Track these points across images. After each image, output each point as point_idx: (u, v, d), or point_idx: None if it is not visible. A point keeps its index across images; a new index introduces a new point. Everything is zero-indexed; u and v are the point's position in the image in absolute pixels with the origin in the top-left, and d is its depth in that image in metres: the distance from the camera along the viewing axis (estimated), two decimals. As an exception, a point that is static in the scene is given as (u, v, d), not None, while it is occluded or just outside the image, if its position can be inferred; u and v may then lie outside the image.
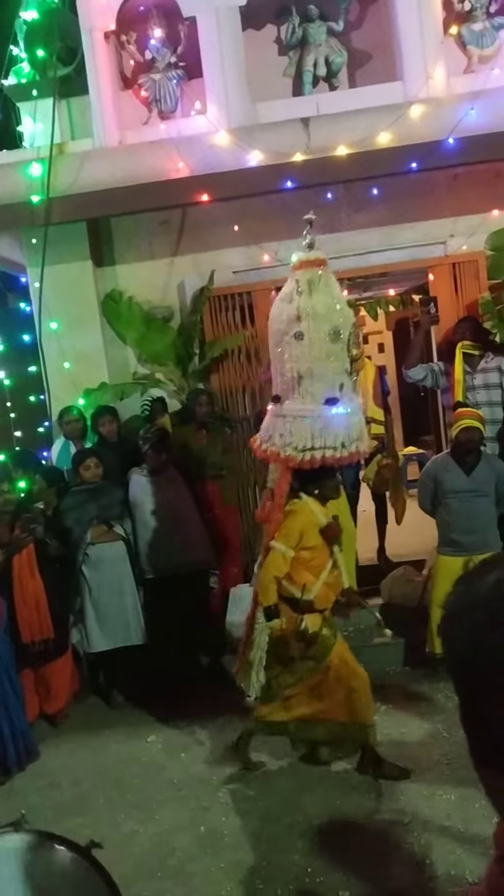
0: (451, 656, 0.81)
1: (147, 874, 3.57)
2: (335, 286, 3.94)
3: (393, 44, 5.94)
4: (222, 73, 5.82)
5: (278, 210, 6.13)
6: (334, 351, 3.85)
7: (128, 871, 3.60)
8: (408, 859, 3.44)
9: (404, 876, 3.34)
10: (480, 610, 0.78)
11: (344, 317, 3.88)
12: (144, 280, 6.46)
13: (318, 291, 3.84)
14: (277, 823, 3.85)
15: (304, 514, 4.03)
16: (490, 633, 0.76)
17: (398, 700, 4.99)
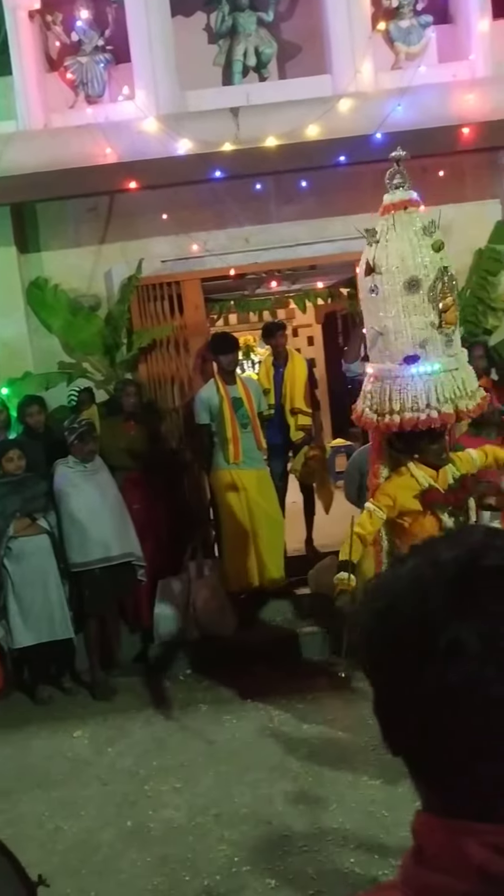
0: (358, 647, 0.82)
1: (72, 871, 3.52)
2: (415, 229, 3.50)
3: (322, 37, 5.96)
4: (151, 59, 5.73)
5: (207, 200, 6.10)
6: (413, 304, 3.47)
7: (52, 869, 3.53)
8: (333, 846, 3.48)
9: (330, 861, 3.38)
10: (382, 600, 0.78)
11: (426, 265, 3.46)
12: (71, 267, 6.33)
13: (393, 239, 3.48)
14: (205, 814, 3.85)
15: (402, 477, 3.76)
16: (384, 623, 0.76)
17: (325, 688, 5.05)
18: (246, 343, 10.33)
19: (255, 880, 3.32)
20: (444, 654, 0.70)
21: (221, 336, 6.25)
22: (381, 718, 0.78)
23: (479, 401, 3.59)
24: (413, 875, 0.74)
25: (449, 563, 0.74)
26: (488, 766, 0.70)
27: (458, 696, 0.69)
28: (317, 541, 6.60)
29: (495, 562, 0.73)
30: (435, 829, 0.74)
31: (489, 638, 0.69)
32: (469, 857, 0.70)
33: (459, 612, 0.70)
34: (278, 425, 6.27)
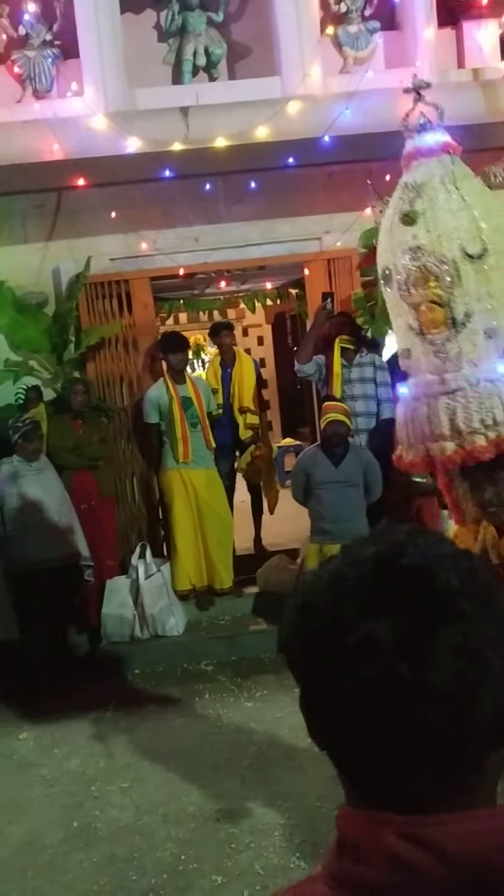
0: (280, 643, 0.83)
1: (17, 873, 3.49)
2: (397, 205, 2.76)
3: (271, 39, 6.00)
4: (99, 55, 5.69)
5: (157, 198, 6.09)
6: (392, 301, 2.80)
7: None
8: (279, 842, 3.51)
9: (276, 857, 3.41)
10: (302, 597, 0.79)
11: (394, 248, 2.71)
12: (17, 264, 6.24)
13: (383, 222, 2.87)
14: (152, 814, 3.84)
15: None
16: (303, 620, 0.77)
17: (272, 686, 5.08)
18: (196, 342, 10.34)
19: (201, 878, 3.33)
20: (357, 651, 0.71)
21: (171, 335, 6.25)
22: (305, 714, 0.80)
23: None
24: (334, 866, 0.76)
25: (367, 561, 0.76)
26: (403, 759, 0.72)
27: (372, 692, 0.71)
28: (265, 539, 6.65)
29: (412, 560, 0.75)
30: (355, 821, 0.76)
31: (401, 635, 0.70)
32: (384, 846, 0.71)
33: (373, 609, 0.72)
34: (227, 425, 6.29)
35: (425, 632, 0.71)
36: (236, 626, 5.81)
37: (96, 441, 5.81)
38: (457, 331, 2.56)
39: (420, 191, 2.59)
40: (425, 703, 0.70)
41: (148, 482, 6.27)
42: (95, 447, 5.77)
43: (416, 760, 0.72)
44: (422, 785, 0.73)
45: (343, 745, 0.76)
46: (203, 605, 5.93)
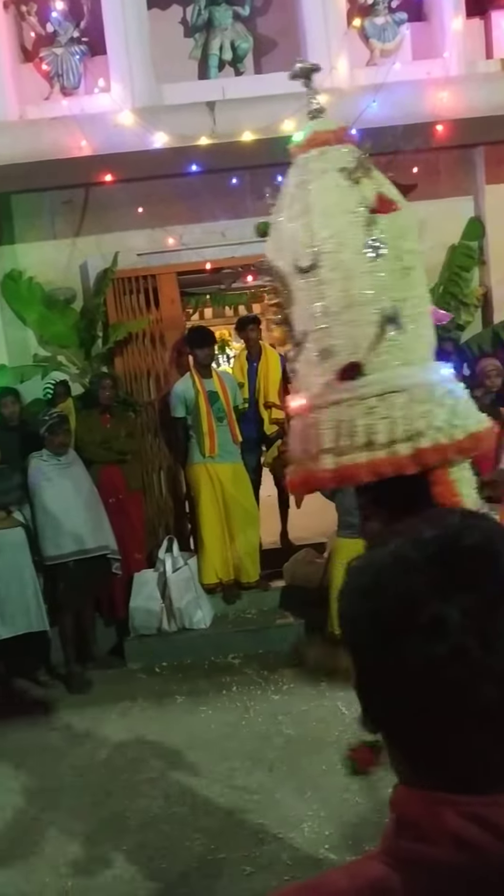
0: (341, 625, 0.84)
1: (49, 862, 3.54)
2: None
3: (298, 32, 5.99)
4: (126, 52, 5.71)
5: (183, 193, 6.10)
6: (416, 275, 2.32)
7: (28, 859, 3.56)
8: (308, 833, 3.53)
9: (304, 848, 3.43)
10: (367, 576, 0.81)
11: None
12: (46, 260, 6.30)
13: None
14: (181, 804, 3.88)
15: None
16: (369, 600, 0.79)
17: (299, 679, 5.10)
18: (221, 338, 10.35)
19: (230, 868, 3.36)
20: (428, 629, 0.73)
21: (197, 330, 6.27)
22: (362, 695, 0.81)
23: None
24: (392, 845, 0.77)
25: (431, 543, 0.78)
26: (466, 738, 0.74)
27: (441, 670, 0.72)
28: (291, 533, 6.65)
29: (475, 540, 0.77)
30: (413, 801, 0.77)
31: (469, 613, 0.72)
32: (446, 825, 0.73)
33: (441, 589, 0.74)
34: (252, 419, 6.30)
35: (492, 610, 0.73)
36: (263, 620, 5.83)
37: (124, 435, 5.85)
38: (298, 350, 2.24)
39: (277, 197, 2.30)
40: (493, 682, 0.72)
41: (175, 476, 6.30)
42: (123, 441, 5.82)
43: (479, 739, 0.73)
44: (483, 765, 0.74)
45: (405, 725, 0.77)
46: (230, 599, 5.95)
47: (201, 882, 3.30)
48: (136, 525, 5.92)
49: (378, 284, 2.11)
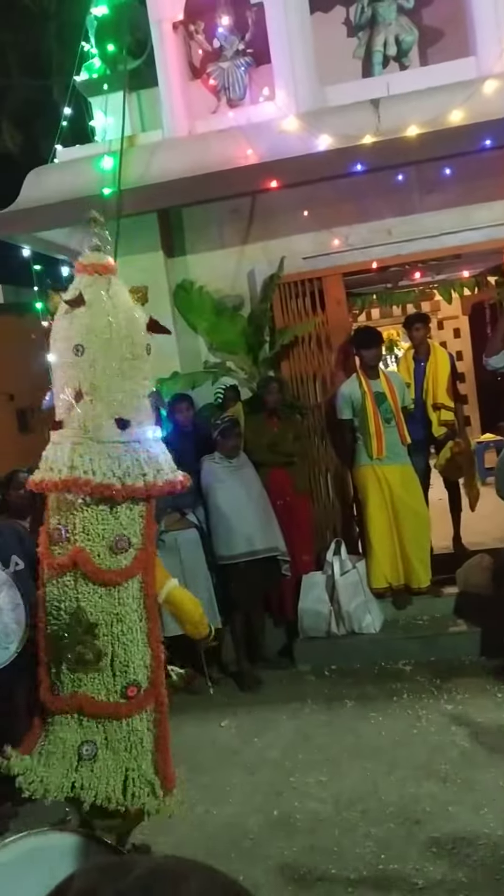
0: None
1: (220, 855, 3.61)
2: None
3: (465, 18, 5.78)
4: (290, 58, 5.77)
5: (348, 194, 6.06)
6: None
7: (201, 851, 3.65)
8: (484, 852, 3.37)
9: (481, 867, 3.28)
10: None
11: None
12: (215, 269, 6.48)
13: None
14: (350, 809, 3.83)
15: None
16: None
17: (474, 690, 4.90)
18: (389, 337, 10.19)
19: (401, 879, 3.27)
20: None
21: (364, 330, 6.21)
22: None
23: None
24: None
25: None
26: None
27: None
28: (465, 538, 6.42)
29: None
30: None
31: None
32: None
33: None
34: (420, 420, 6.14)
35: None
36: (435, 627, 5.66)
37: (291, 438, 5.89)
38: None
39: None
40: None
41: (342, 478, 6.26)
42: (290, 444, 5.86)
43: None
44: None
45: None
46: (400, 604, 5.83)
47: (370, 891, 3.24)
48: (304, 527, 5.94)
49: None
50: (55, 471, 3.01)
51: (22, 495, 4.59)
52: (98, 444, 3.05)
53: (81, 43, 6.56)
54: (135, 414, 3.11)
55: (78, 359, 3.04)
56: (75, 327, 3.07)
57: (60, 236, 6.53)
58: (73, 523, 3.04)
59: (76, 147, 6.39)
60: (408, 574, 5.79)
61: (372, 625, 5.62)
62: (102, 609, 3.04)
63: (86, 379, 3.05)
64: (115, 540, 3.04)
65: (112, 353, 3.04)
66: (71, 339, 3.06)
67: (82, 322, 3.05)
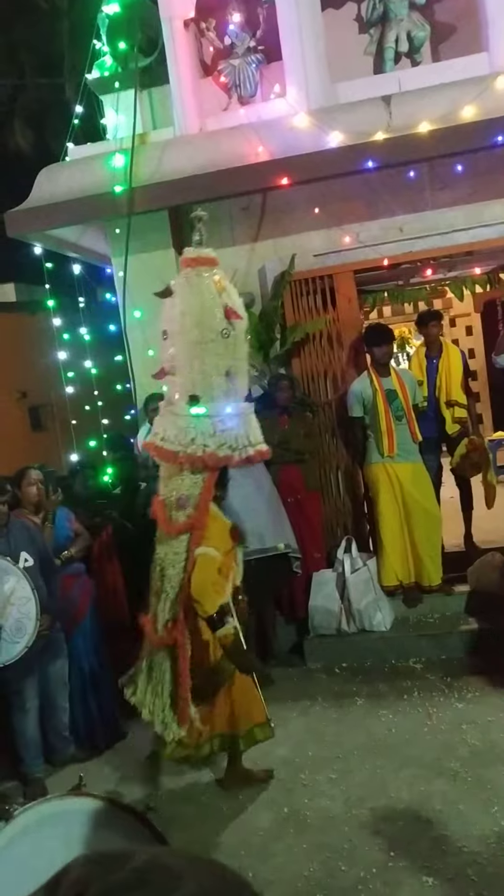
0: None
1: (230, 850, 3.62)
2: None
3: (478, 13, 5.75)
4: (301, 55, 5.76)
5: (359, 191, 6.05)
6: (247, 350, 3.88)
7: (212, 847, 3.66)
8: (496, 850, 3.36)
9: (491, 865, 3.27)
10: None
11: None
12: (225, 266, 6.40)
13: (230, 290, 3.81)
14: (360, 807, 3.83)
15: (219, 517, 3.95)
16: None
17: (485, 688, 4.89)
18: (401, 335, 10.16)
19: (411, 877, 3.27)
20: None
21: (375, 328, 6.19)
22: None
23: None
24: None
25: None
26: None
27: None
28: (476, 536, 6.39)
29: None
30: None
31: None
32: None
33: None
34: (432, 418, 6.12)
35: None
36: (446, 625, 5.64)
37: (302, 435, 5.89)
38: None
39: None
40: None
41: (353, 476, 6.25)
42: (301, 441, 5.86)
43: None
44: None
45: None
46: (411, 602, 5.81)
47: (381, 888, 3.24)
48: (315, 525, 5.94)
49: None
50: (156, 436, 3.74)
51: (33, 492, 4.63)
52: (173, 415, 3.65)
53: (93, 41, 6.57)
54: (206, 391, 3.61)
55: (164, 342, 3.67)
56: (163, 315, 3.71)
57: (72, 234, 6.55)
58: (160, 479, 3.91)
59: (88, 145, 6.40)
60: (419, 572, 5.78)
61: (382, 623, 5.61)
62: (164, 553, 3.76)
63: (167, 360, 3.68)
64: (177, 499, 3.71)
65: (185, 337, 3.58)
66: (162, 325, 3.70)
67: (167, 310, 3.68)
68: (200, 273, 3.65)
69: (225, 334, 3.61)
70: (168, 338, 3.68)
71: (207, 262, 3.71)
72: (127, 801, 2.40)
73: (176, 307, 3.64)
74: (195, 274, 3.64)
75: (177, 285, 3.63)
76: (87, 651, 4.82)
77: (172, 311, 3.64)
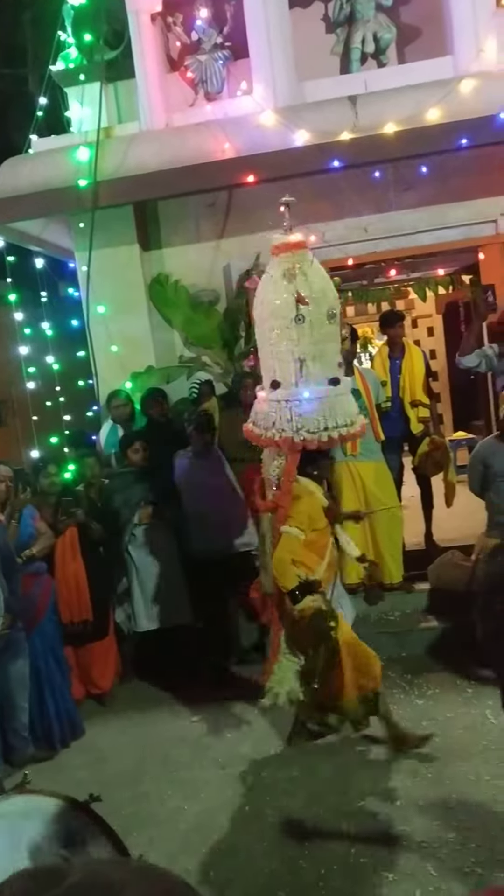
0: (485, 626, 0.78)
1: (193, 850, 3.61)
2: (322, 268, 3.95)
3: (443, 17, 5.81)
4: (269, 53, 5.76)
5: (325, 190, 6.07)
6: (332, 332, 3.88)
7: (174, 846, 3.65)
8: (454, 844, 3.40)
9: (450, 860, 3.31)
10: None
11: (335, 298, 3.92)
12: (191, 263, 6.46)
13: (312, 273, 3.81)
14: (321, 804, 3.85)
15: (309, 496, 4.02)
16: None
17: (445, 685, 4.94)
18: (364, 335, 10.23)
19: (372, 873, 3.29)
20: None
21: (339, 327, 6.20)
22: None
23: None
24: None
25: None
26: None
27: None
28: (436, 535, 6.45)
29: None
30: None
31: None
32: None
33: None
34: (395, 417, 6.16)
35: None
36: (406, 623, 5.69)
37: (266, 434, 5.88)
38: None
39: None
40: None
41: (316, 475, 6.26)
42: (265, 440, 5.85)
43: None
44: None
45: None
46: (372, 600, 5.85)
47: (342, 884, 3.25)
48: (278, 523, 5.93)
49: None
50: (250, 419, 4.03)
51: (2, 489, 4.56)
52: (263, 402, 3.90)
53: (58, 32, 6.49)
54: (284, 377, 3.78)
55: (257, 330, 3.94)
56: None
57: (35, 227, 6.46)
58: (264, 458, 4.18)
59: (52, 137, 6.32)
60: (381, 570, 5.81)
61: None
62: (264, 529, 4.05)
63: (259, 346, 3.96)
64: (272, 479, 4.01)
65: (263, 324, 3.83)
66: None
67: (255, 299, 3.91)
68: (281, 260, 3.80)
69: (298, 320, 3.71)
70: (256, 327, 3.92)
71: (294, 248, 3.82)
72: (71, 796, 2.35)
73: (259, 296, 3.86)
74: (277, 262, 3.81)
75: (264, 274, 3.85)
76: (44, 651, 4.76)
77: (256, 299, 3.86)
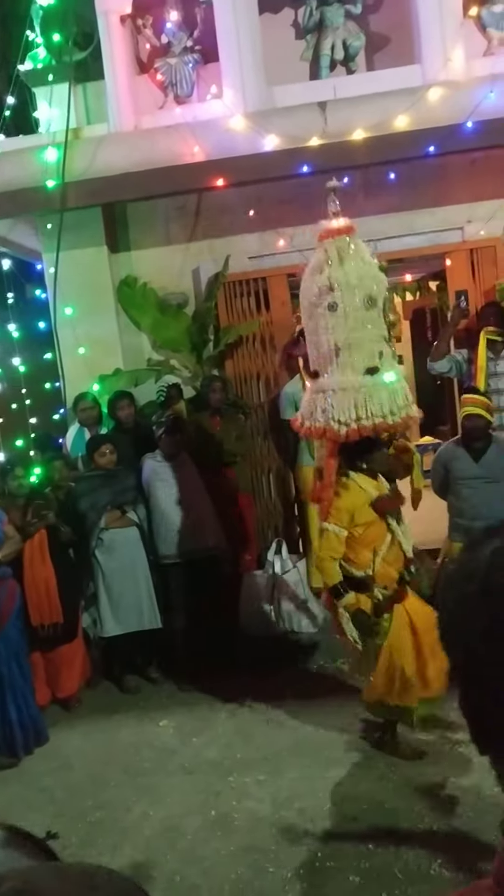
0: (444, 633, 0.77)
1: (159, 856, 3.58)
2: (366, 252, 3.84)
3: (411, 26, 5.86)
4: (238, 57, 5.76)
5: (294, 195, 6.09)
6: (371, 318, 3.75)
7: (139, 853, 3.62)
8: (419, 847, 3.42)
9: (416, 862, 3.32)
10: (473, 582, 0.74)
11: (378, 283, 3.78)
12: (159, 266, 6.44)
13: (349, 259, 3.75)
14: (288, 808, 3.84)
15: (353, 490, 3.94)
16: (481, 606, 0.72)
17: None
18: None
19: (339, 875, 3.29)
20: None
21: (307, 331, 6.23)
22: (471, 717, 0.75)
23: (418, 411, 3.94)
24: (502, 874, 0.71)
25: None
26: None
27: None
28: (403, 539, 6.48)
29: None
30: None
31: None
32: None
33: None
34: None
35: None
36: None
37: (234, 437, 5.88)
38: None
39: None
40: None
41: (284, 478, 6.29)
42: (233, 443, 5.85)
43: None
44: None
45: None
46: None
47: (308, 888, 3.25)
48: (246, 527, 5.94)
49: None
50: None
51: None
52: (307, 392, 3.96)
53: (26, 32, 6.43)
54: (321, 366, 3.79)
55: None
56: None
57: (1, 228, 6.39)
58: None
59: (19, 137, 6.25)
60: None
61: (311, 624, 5.65)
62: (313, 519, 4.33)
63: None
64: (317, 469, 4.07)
65: (304, 315, 3.90)
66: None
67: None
68: (321, 247, 3.78)
69: (332, 308, 3.66)
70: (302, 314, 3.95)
71: (337, 233, 3.78)
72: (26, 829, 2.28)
73: (302, 284, 3.85)
74: (317, 249, 3.80)
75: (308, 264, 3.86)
76: (7, 657, 4.68)
77: (301, 287, 3.86)
